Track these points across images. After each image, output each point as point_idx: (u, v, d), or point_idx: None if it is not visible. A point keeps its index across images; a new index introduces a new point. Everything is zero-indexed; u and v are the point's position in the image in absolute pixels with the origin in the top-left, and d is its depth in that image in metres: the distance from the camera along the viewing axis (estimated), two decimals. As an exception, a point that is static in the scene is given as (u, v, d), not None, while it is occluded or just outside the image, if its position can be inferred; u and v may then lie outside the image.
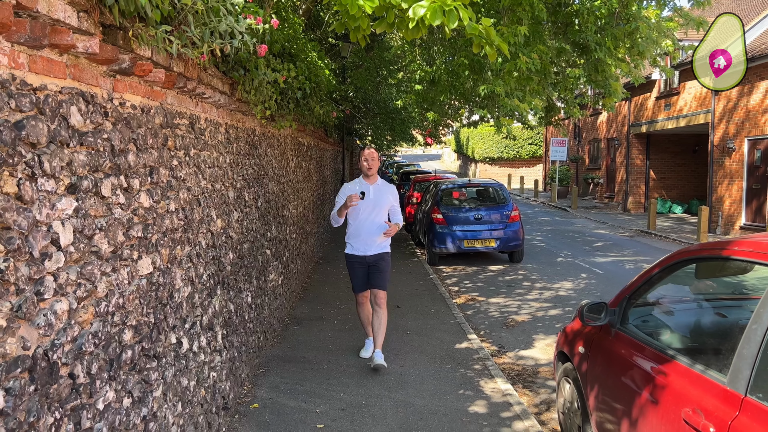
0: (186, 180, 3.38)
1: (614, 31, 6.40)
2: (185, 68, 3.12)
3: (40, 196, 1.90)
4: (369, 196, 5.12)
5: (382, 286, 5.24)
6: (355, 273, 5.29)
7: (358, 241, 5.20)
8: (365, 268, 5.23)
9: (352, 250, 5.25)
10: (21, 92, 1.83)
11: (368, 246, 5.19)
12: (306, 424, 4.02)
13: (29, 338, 1.80)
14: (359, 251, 5.21)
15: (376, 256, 5.21)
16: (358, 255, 5.22)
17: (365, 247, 5.19)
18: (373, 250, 5.21)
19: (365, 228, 5.16)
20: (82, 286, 2.13)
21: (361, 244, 5.20)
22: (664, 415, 2.61)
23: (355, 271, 5.28)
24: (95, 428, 2.19)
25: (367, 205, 5.12)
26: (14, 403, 1.70)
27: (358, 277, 5.28)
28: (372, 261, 5.21)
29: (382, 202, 5.19)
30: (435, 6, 3.72)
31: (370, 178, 5.24)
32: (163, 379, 2.90)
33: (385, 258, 5.26)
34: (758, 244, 2.47)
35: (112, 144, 2.45)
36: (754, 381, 2.15)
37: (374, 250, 5.21)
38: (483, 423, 4.11)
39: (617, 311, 3.34)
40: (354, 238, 5.24)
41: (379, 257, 5.22)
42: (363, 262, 5.22)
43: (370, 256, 5.21)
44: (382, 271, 5.22)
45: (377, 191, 5.21)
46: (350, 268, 5.33)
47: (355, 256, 5.24)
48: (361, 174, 5.35)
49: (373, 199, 5.14)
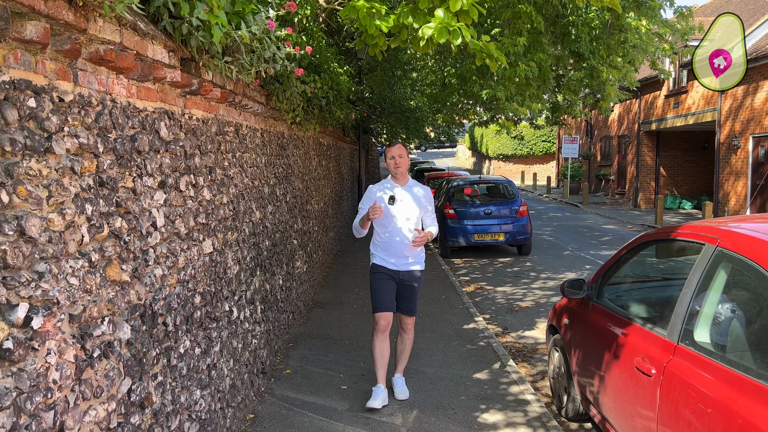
0: (233, 178, 4.07)
1: (607, 40, 7.01)
2: (235, 86, 3.81)
3: (145, 190, 2.59)
4: (399, 200, 4.39)
5: (411, 311, 4.52)
6: (381, 285, 4.41)
7: (388, 254, 4.43)
8: (394, 283, 4.45)
9: (382, 261, 4.46)
10: (133, 114, 2.52)
11: (400, 260, 4.42)
12: (332, 386, 4.70)
13: (141, 292, 2.49)
14: (391, 264, 4.43)
15: (408, 273, 4.45)
16: (389, 268, 4.44)
17: (396, 261, 4.42)
18: (406, 266, 4.43)
19: (396, 239, 4.37)
20: (169, 258, 2.83)
21: (391, 258, 4.42)
22: (622, 365, 3.25)
23: (383, 283, 4.42)
24: (178, 366, 2.88)
25: (398, 211, 4.37)
26: (135, 336, 2.39)
27: (385, 291, 4.40)
28: (404, 278, 4.45)
29: (414, 208, 4.43)
30: (441, 27, 4.38)
31: (400, 178, 4.49)
32: (220, 338, 3.60)
33: (419, 277, 4.52)
34: (695, 227, 3.10)
35: (185, 150, 3.14)
36: (684, 332, 2.78)
37: (407, 265, 4.44)
38: (484, 386, 4.76)
39: (594, 287, 3.97)
40: (383, 251, 4.45)
41: (412, 276, 4.47)
42: (393, 276, 4.44)
43: (402, 273, 4.44)
44: (413, 292, 4.50)
45: (409, 194, 4.45)
46: (375, 281, 4.44)
47: (384, 267, 4.44)
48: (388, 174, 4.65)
49: (405, 204, 4.40)
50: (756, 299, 2.49)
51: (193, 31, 2.66)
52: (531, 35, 6.68)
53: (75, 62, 2.04)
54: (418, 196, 4.49)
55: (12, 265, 1.64)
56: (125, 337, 2.30)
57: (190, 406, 3.01)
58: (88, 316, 2.03)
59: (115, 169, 2.30)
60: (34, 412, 1.69)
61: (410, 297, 4.50)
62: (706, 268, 2.77)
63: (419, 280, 4.52)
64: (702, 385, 2.48)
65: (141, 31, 2.38)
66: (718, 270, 2.71)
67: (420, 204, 4.47)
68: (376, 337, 4.41)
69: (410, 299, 4.50)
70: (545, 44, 6.80)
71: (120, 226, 2.31)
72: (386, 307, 4.40)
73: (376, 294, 4.43)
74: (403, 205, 4.40)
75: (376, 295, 4.43)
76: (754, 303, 2.52)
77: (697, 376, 2.53)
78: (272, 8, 3.52)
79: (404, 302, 4.50)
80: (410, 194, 4.47)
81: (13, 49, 1.71)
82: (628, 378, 3.16)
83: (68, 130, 1.98)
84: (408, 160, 4.47)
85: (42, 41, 1.77)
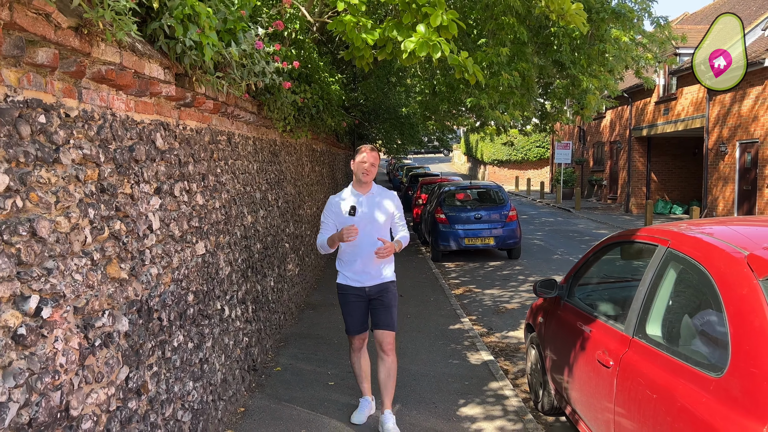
0: (226, 184, 4.31)
1: (588, 50, 7.28)
2: (226, 98, 4.05)
3: (142, 196, 2.83)
4: (362, 210, 4.01)
5: (389, 325, 4.06)
6: (349, 308, 4.10)
7: (354, 269, 4.03)
8: (364, 303, 4.08)
9: (346, 279, 4.08)
10: (131, 126, 2.76)
11: (367, 275, 4.03)
12: (320, 382, 4.93)
13: (138, 289, 2.72)
14: (356, 281, 4.04)
15: (378, 287, 4.05)
16: (354, 286, 4.05)
17: (363, 277, 4.03)
18: (374, 280, 4.05)
19: (362, 252, 3.98)
20: (164, 258, 3.06)
21: (357, 273, 4.04)
22: (587, 359, 3.49)
23: (350, 306, 4.09)
24: (172, 358, 3.11)
25: (361, 222, 3.95)
26: (132, 328, 2.63)
27: (354, 314, 4.09)
28: (374, 294, 4.05)
29: (380, 216, 4.04)
30: (422, 41, 4.64)
31: (364, 186, 4.06)
32: (212, 334, 3.83)
33: (390, 289, 4.10)
34: (652, 229, 3.35)
35: (179, 158, 3.37)
36: (638, 326, 3.03)
37: (375, 279, 4.05)
38: (465, 383, 4.99)
39: (565, 286, 4.22)
40: (348, 266, 4.07)
41: (383, 289, 4.06)
42: (361, 295, 4.05)
43: (370, 288, 4.05)
44: (387, 306, 4.05)
45: (373, 203, 4.05)
46: (343, 303, 4.13)
47: (349, 287, 4.06)
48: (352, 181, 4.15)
49: (368, 214, 4.01)
50: (696, 294, 2.74)
51: (187, 51, 2.90)
52: (515, 45, 6.96)
53: (80, 81, 2.28)
54: (382, 205, 4.06)
55: (25, 261, 1.87)
56: (123, 329, 2.53)
57: (184, 396, 3.24)
58: (91, 308, 2.26)
59: (114, 177, 2.54)
60: (43, 390, 1.93)
61: (385, 312, 4.05)
62: (658, 268, 3.02)
63: (391, 292, 4.09)
64: (650, 374, 2.72)
65: (139, 52, 2.62)
66: (668, 269, 2.95)
67: (386, 213, 4.05)
68: (354, 354, 4.22)
69: (386, 314, 4.05)
70: (528, 54, 7.08)
71: (119, 229, 2.54)
72: (358, 329, 4.14)
73: (346, 317, 4.14)
74: (366, 215, 4.00)
75: (346, 318, 4.15)
76: (695, 298, 2.77)
77: (647, 366, 2.77)
78: (261, 27, 3.76)
79: (379, 317, 4.06)
80: (374, 203, 4.05)
81: (26, 72, 1.95)
82: (591, 371, 3.40)
83: (73, 143, 2.22)
84: (377, 169, 4.03)
85: (52, 65, 2.01)
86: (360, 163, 3.98)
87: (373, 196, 4.08)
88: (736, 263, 2.48)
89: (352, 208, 3.97)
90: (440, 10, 4.45)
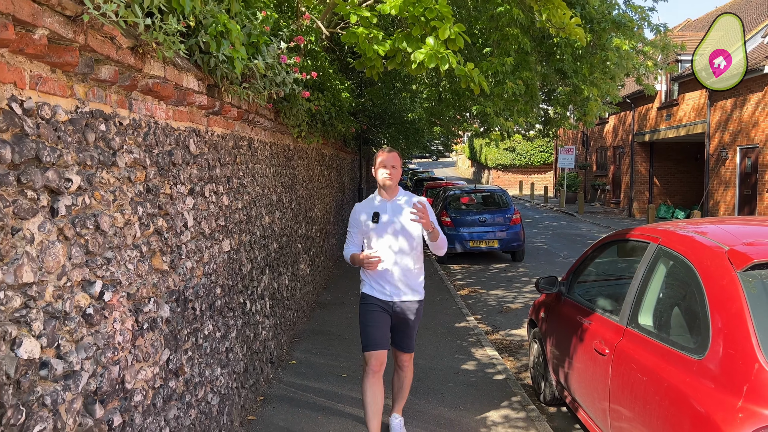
0: (247, 186, 4.60)
1: (590, 59, 7.57)
2: (249, 106, 4.34)
3: (178, 196, 3.11)
4: (386, 216, 3.71)
5: (408, 347, 3.83)
6: (372, 318, 3.70)
7: (380, 282, 3.72)
8: (387, 315, 3.73)
9: (372, 290, 3.75)
10: (170, 133, 3.05)
11: (394, 288, 3.70)
12: (333, 374, 5.20)
13: (176, 280, 3.01)
14: (383, 293, 3.72)
15: (404, 305, 3.73)
16: (380, 298, 3.72)
17: (390, 290, 3.71)
18: (402, 295, 3.71)
19: (387, 262, 3.68)
20: (197, 254, 3.34)
21: (383, 286, 3.71)
22: (585, 349, 3.75)
23: (373, 316, 3.70)
24: (203, 345, 3.39)
25: (386, 231, 3.68)
26: (172, 315, 2.91)
27: (377, 325, 3.69)
28: (398, 311, 3.73)
29: (407, 225, 3.69)
30: (431, 53, 4.94)
31: (389, 192, 3.76)
32: (236, 326, 4.11)
33: (417, 310, 3.78)
34: (645, 228, 3.62)
35: (208, 162, 3.66)
36: (631, 317, 3.29)
37: (403, 295, 3.71)
38: (470, 376, 5.25)
39: (566, 283, 4.48)
40: (373, 278, 3.74)
41: (408, 308, 3.74)
42: (386, 308, 3.73)
43: (396, 304, 3.72)
44: (409, 327, 3.78)
45: (397, 209, 3.73)
46: (365, 313, 3.75)
47: (374, 298, 3.73)
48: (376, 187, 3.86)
49: (393, 220, 3.69)
50: (683, 286, 3.00)
51: (219, 64, 3.19)
52: (518, 55, 7.24)
53: (131, 94, 2.57)
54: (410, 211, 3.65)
55: (91, 251, 2.16)
56: (165, 315, 2.81)
57: (213, 381, 3.52)
58: (140, 295, 2.54)
59: (157, 179, 2.82)
60: (105, 364, 2.21)
61: (406, 332, 3.80)
62: (649, 263, 3.29)
63: (417, 313, 3.78)
64: (641, 359, 2.98)
65: (179, 66, 2.91)
66: (659, 264, 3.22)
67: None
68: (367, 379, 3.68)
69: (406, 334, 3.80)
70: (532, 63, 7.36)
71: (161, 225, 2.83)
72: (378, 344, 3.67)
73: (366, 329, 3.69)
74: (391, 223, 3.69)
75: (366, 330, 3.69)
76: (682, 289, 3.03)
77: (639, 352, 3.04)
78: (283, 41, 4.05)
79: (399, 337, 3.81)
80: (400, 209, 3.72)
81: (92, 87, 2.24)
82: (588, 360, 3.67)
83: (126, 148, 2.50)
84: (400, 171, 3.77)
85: (112, 80, 2.30)
86: (380, 169, 3.70)
87: (400, 202, 3.74)
88: (718, 257, 2.75)
89: (375, 214, 3.70)
90: (448, 24, 4.74)
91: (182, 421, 2.99)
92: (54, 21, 1.81)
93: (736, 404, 2.32)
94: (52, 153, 1.92)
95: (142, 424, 2.52)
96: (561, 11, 4.59)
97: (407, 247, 3.71)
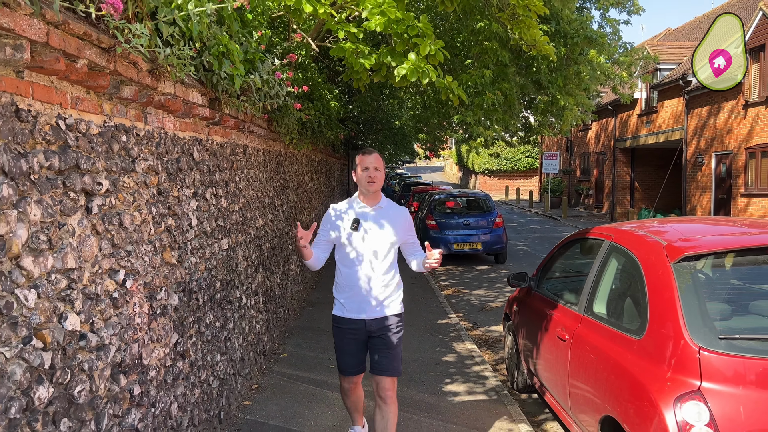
0: (242, 190, 4.98)
1: (565, 71, 8.04)
2: (245, 116, 4.73)
3: (184, 198, 3.49)
4: (367, 225, 3.36)
5: (390, 370, 3.36)
6: (344, 345, 3.43)
7: (352, 296, 3.36)
8: (362, 339, 3.40)
9: (342, 310, 3.41)
10: (177, 142, 3.43)
11: (365, 305, 3.34)
12: (322, 365, 5.58)
13: (182, 273, 3.38)
14: (353, 312, 3.37)
15: (380, 321, 3.36)
16: (351, 318, 3.37)
17: (362, 307, 3.35)
18: (376, 312, 3.35)
19: (361, 277, 3.33)
20: (200, 250, 3.72)
21: (355, 302, 3.36)
22: (549, 336, 4.16)
23: (345, 341, 3.42)
24: (205, 333, 3.76)
25: (364, 240, 3.34)
26: (179, 304, 3.28)
27: (349, 353, 3.43)
28: (374, 329, 3.36)
29: (387, 236, 3.36)
30: (413, 68, 5.34)
31: (371, 197, 3.41)
32: (233, 318, 4.48)
33: (395, 325, 3.38)
34: (601, 228, 4.04)
35: (209, 167, 4.04)
36: (587, 306, 3.71)
37: (377, 311, 3.35)
38: (450, 367, 5.65)
39: (536, 278, 4.90)
40: (345, 292, 3.38)
41: (385, 324, 3.36)
42: (359, 330, 3.38)
43: (371, 321, 3.36)
44: (390, 345, 3.36)
45: (381, 218, 3.39)
46: (337, 337, 3.46)
47: (346, 319, 3.39)
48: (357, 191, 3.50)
49: (374, 232, 3.35)
50: (629, 277, 3.42)
51: (221, 80, 3.58)
52: (498, 67, 7.69)
53: (146, 109, 2.95)
54: (393, 221, 3.40)
55: (116, 244, 2.53)
56: (174, 303, 3.19)
57: (213, 366, 3.89)
58: (154, 284, 2.92)
59: (167, 183, 3.20)
60: (128, 341, 2.58)
61: (386, 351, 3.35)
62: (603, 258, 3.71)
63: (396, 329, 3.38)
64: (593, 341, 3.40)
65: (186, 84, 3.29)
66: (610, 258, 3.65)
67: (396, 231, 3.39)
68: (345, 395, 3.62)
69: (388, 355, 3.34)
70: (510, 74, 7.81)
71: (170, 224, 3.21)
72: (351, 370, 3.46)
73: (340, 355, 3.48)
74: (371, 232, 3.34)
75: (340, 356, 3.48)
76: (628, 280, 3.45)
77: (592, 336, 3.46)
78: (277, 57, 4.45)
79: (379, 359, 3.34)
80: (382, 218, 3.39)
81: (116, 104, 2.62)
82: (552, 346, 4.08)
83: (142, 156, 2.88)
84: (384, 174, 3.42)
85: (133, 98, 2.68)
86: (361, 172, 3.36)
87: (381, 210, 3.43)
88: (657, 251, 3.17)
89: (355, 221, 3.35)
90: (428, 41, 5.15)
91: (188, 398, 3.36)
92: (92, 53, 2.19)
93: (666, 374, 2.74)
94: (88, 161, 2.30)
95: (156, 396, 2.89)
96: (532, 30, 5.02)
97: (385, 262, 3.35)
